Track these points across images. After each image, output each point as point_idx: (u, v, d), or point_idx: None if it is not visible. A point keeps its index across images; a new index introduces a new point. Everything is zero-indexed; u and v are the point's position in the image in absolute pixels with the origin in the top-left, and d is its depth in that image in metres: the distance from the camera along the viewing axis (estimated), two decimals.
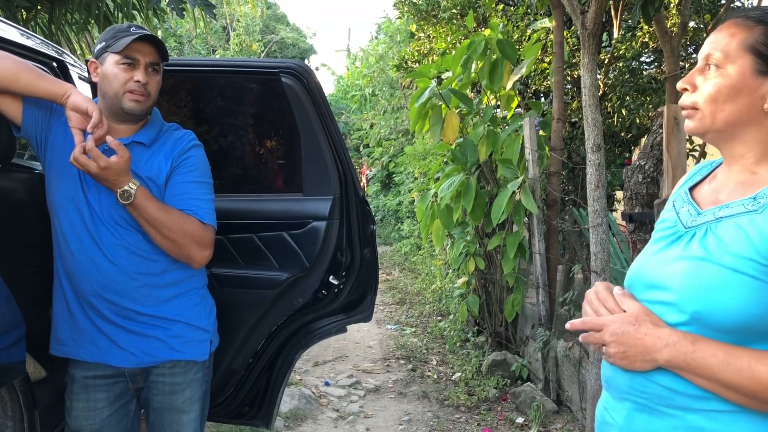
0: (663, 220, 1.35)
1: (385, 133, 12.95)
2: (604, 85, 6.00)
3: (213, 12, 4.65)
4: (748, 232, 1.14)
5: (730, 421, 1.14)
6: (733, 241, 1.15)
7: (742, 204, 1.19)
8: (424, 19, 7.63)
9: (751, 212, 1.16)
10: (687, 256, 1.20)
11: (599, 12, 3.60)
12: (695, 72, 1.24)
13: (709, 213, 1.23)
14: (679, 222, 1.29)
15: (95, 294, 1.93)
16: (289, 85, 2.46)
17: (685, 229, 1.26)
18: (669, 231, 1.30)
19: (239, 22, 20.53)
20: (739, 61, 1.18)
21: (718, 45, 1.21)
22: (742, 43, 1.19)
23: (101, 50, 1.92)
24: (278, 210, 2.56)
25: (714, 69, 1.21)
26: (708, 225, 1.21)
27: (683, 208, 1.31)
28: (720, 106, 1.20)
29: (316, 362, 5.56)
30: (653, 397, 1.19)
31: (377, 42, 16.20)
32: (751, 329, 1.12)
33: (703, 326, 1.14)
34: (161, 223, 1.87)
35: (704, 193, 1.32)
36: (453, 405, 4.50)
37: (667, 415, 1.18)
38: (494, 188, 4.94)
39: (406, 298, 8.28)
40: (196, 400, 2.08)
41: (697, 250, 1.19)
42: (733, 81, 1.19)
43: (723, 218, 1.19)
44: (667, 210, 1.37)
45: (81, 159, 1.76)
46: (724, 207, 1.21)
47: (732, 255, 1.13)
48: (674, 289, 1.19)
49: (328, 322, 2.64)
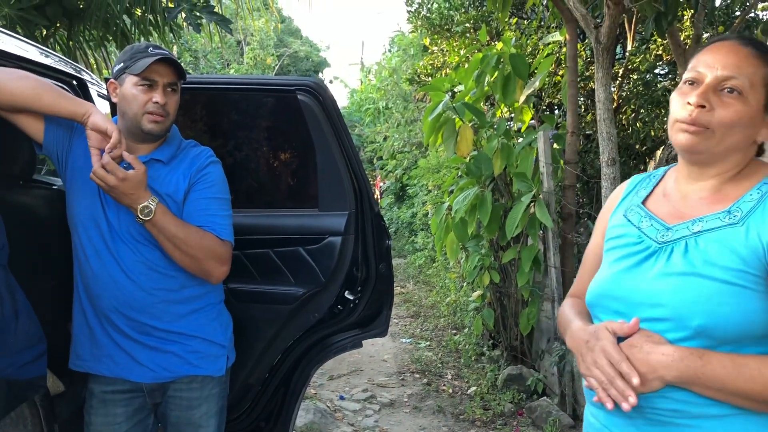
0: (619, 236, 1.36)
1: (399, 145, 12.97)
2: (619, 98, 5.98)
3: (229, 27, 4.71)
4: (733, 246, 1.18)
5: (742, 423, 1.16)
6: (718, 255, 1.18)
7: (717, 218, 1.22)
8: (437, 33, 7.65)
9: (731, 225, 1.20)
10: (672, 272, 1.22)
11: (613, 26, 3.61)
12: (708, 90, 1.22)
13: (682, 228, 1.26)
14: (646, 237, 1.30)
15: (114, 309, 1.95)
16: (305, 102, 2.48)
17: (658, 245, 1.27)
18: (636, 247, 1.30)
19: (254, 36, 20.69)
20: (759, 94, 1.21)
21: (743, 72, 1.21)
22: (764, 77, 1.21)
23: (120, 71, 1.95)
24: (294, 225, 2.58)
25: (734, 95, 1.21)
26: (685, 239, 1.23)
27: (644, 223, 1.33)
28: (732, 132, 1.22)
29: (330, 376, 5.55)
30: (666, 411, 1.20)
31: (391, 55, 16.25)
32: (749, 336, 1.15)
33: (708, 339, 1.16)
34: (180, 240, 1.89)
35: (660, 207, 1.34)
36: (468, 419, 4.48)
37: (683, 426, 1.19)
38: (509, 201, 4.94)
39: (421, 311, 8.26)
40: (213, 415, 2.09)
41: (681, 265, 1.21)
42: (753, 112, 1.21)
43: (701, 233, 1.22)
44: (620, 225, 1.38)
45: (99, 172, 1.78)
46: (698, 221, 1.24)
47: (721, 268, 1.17)
48: (667, 305, 1.20)
49: (344, 337, 2.65)
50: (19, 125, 1.89)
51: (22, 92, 1.81)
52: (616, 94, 5.83)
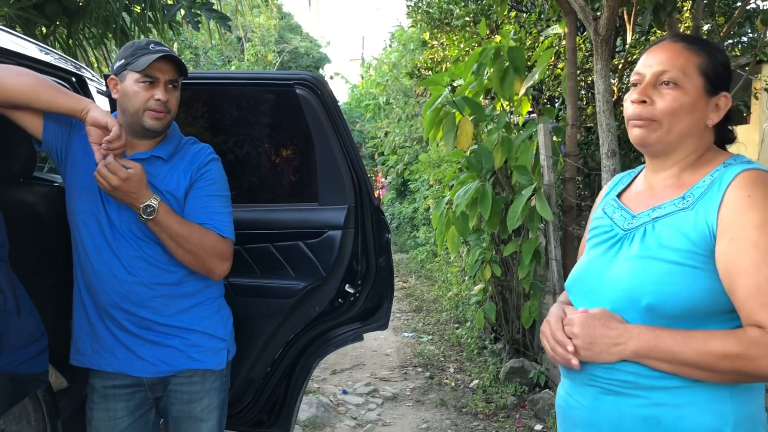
0: (596, 227, 1.52)
1: (400, 141, 12.96)
2: (619, 90, 5.97)
3: (228, 24, 4.71)
4: (683, 228, 1.30)
5: (689, 394, 1.27)
6: (670, 237, 1.31)
7: (673, 204, 1.35)
8: (437, 27, 7.65)
9: (683, 210, 1.33)
10: (630, 256, 1.36)
11: (611, 18, 3.60)
12: (648, 86, 1.37)
13: (644, 215, 1.40)
14: (615, 226, 1.45)
15: (114, 305, 1.96)
16: (304, 96, 2.49)
17: (623, 232, 1.42)
18: (606, 236, 1.46)
19: (254, 33, 20.67)
20: (695, 82, 1.34)
21: (675, 64, 1.35)
22: (697, 65, 1.35)
23: (121, 67, 1.95)
24: (294, 220, 2.59)
25: (671, 86, 1.34)
26: (645, 225, 1.37)
27: (616, 214, 1.48)
28: (677, 119, 1.35)
29: (333, 370, 5.57)
30: (619, 382, 1.33)
31: (391, 50, 16.23)
32: (697, 313, 1.27)
33: (657, 316, 1.28)
34: (182, 238, 1.90)
35: (632, 198, 1.49)
36: (471, 412, 4.49)
37: (633, 396, 1.32)
38: (509, 195, 4.94)
39: (423, 305, 8.27)
40: (214, 409, 2.10)
41: (638, 249, 1.35)
42: (692, 98, 1.34)
43: (659, 218, 1.36)
44: (598, 218, 1.54)
45: (102, 172, 1.79)
46: (657, 208, 1.38)
47: (672, 250, 1.29)
48: (623, 287, 1.33)
49: (345, 331, 2.65)
50: (18, 122, 1.90)
51: (21, 89, 1.81)
52: (616, 86, 5.83)
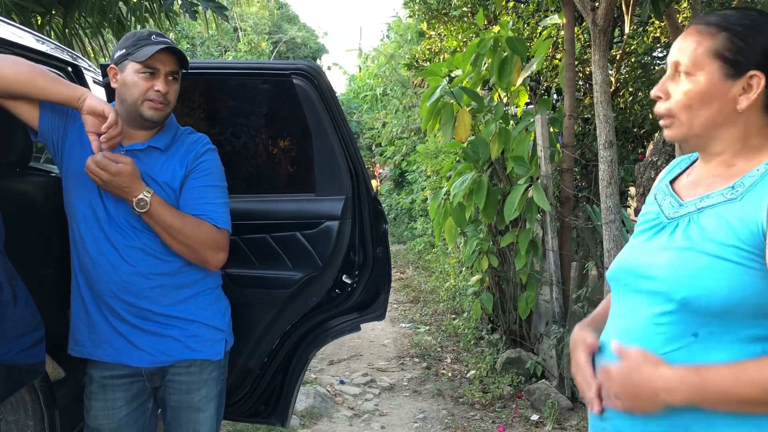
0: (646, 213, 1.39)
1: (398, 131, 12.94)
2: (616, 80, 5.97)
3: (225, 14, 4.69)
4: (729, 220, 1.18)
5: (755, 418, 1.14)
6: (714, 229, 1.19)
7: (721, 194, 1.23)
8: (434, 18, 7.62)
9: (731, 201, 1.20)
10: (672, 246, 1.24)
11: (609, 8, 3.59)
12: (666, 80, 1.28)
13: (691, 204, 1.27)
14: (662, 213, 1.33)
15: (112, 295, 1.96)
16: (301, 86, 2.48)
17: (668, 220, 1.30)
18: (652, 222, 1.34)
19: (246, 22, 20.55)
20: (708, 68, 1.22)
21: (685, 52, 1.25)
22: (708, 50, 1.22)
23: (122, 57, 1.94)
24: (291, 210, 2.58)
25: (684, 77, 1.24)
26: (690, 215, 1.25)
27: (665, 201, 1.35)
28: (695, 112, 1.24)
29: (331, 361, 5.58)
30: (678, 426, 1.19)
31: (388, 42, 16.17)
32: (735, 312, 1.15)
33: (690, 312, 1.17)
34: (176, 230, 1.90)
35: (683, 186, 1.36)
36: (468, 403, 4.51)
37: None
38: (506, 186, 4.94)
39: (420, 296, 8.28)
40: (211, 399, 2.10)
41: (681, 239, 1.23)
42: (703, 87, 1.22)
43: (704, 208, 1.23)
44: (649, 203, 1.41)
45: (92, 168, 1.79)
46: (705, 198, 1.25)
47: (714, 243, 1.18)
48: (661, 279, 1.22)
49: (342, 321, 2.66)
50: (13, 112, 1.89)
51: (16, 78, 1.80)
52: (614, 77, 5.82)
